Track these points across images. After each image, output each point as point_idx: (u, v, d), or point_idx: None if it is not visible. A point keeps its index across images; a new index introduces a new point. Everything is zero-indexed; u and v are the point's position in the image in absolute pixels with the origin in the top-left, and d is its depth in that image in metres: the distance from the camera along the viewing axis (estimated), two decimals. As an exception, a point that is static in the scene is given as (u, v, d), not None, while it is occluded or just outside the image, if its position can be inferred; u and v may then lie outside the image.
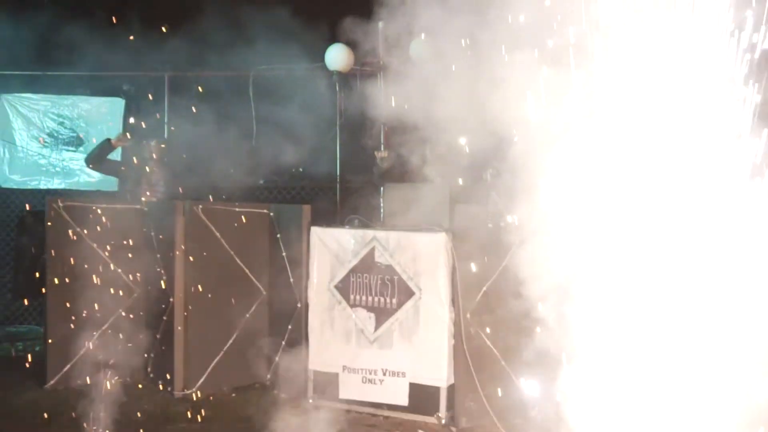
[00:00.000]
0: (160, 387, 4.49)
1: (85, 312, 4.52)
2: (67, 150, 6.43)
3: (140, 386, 4.50)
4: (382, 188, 5.63)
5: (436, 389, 3.96)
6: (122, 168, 5.43)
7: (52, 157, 6.40)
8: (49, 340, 4.54)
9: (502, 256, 3.98)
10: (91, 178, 6.40)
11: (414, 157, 5.00)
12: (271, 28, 5.68)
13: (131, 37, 5.59)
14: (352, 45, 5.66)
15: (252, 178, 6.63)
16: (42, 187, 6.44)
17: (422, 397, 3.99)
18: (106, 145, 5.44)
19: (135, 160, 5.35)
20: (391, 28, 5.28)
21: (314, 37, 5.73)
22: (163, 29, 5.53)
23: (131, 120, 6.14)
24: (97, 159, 5.47)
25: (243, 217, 4.59)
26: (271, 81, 6.23)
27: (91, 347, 4.56)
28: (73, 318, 4.52)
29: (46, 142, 6.19)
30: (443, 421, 3.94)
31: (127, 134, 5.38)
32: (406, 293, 4.01)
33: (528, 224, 3.89)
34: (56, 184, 6.43)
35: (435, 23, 4.22)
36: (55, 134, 6.42)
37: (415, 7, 4.89)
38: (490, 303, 3.97)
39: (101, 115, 6.36)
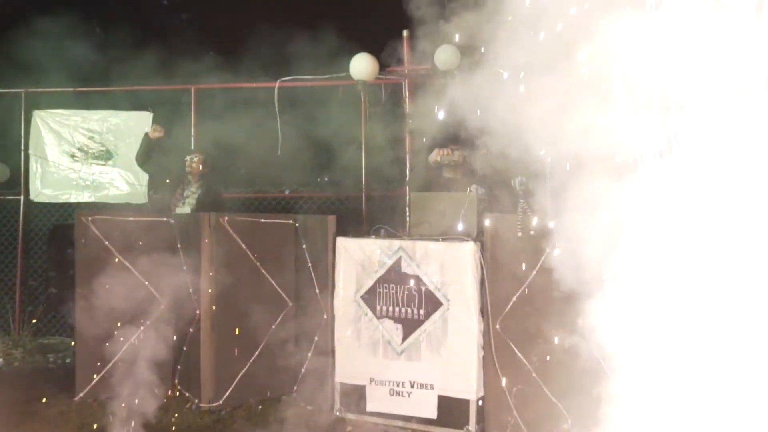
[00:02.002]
0: (188, 399, 4.48)
1: (113, 324, 4.54)
2: (97, 164, 6.50)
3: (168, 398, 4.49)
4: (408, 197, 5.59)
5: (466, 402, 3.87)
6: (162, 178, 5.53)
7: (82, 171, 6.49)
8: (79, 353, 4.56)
9: (533, 265, 3.89)
10: (120, 191, 6.47)
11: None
12: (295, 38, 5.70)
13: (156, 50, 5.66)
14: (376, 54, 5.64)
15: (277, 189, 6.65)
16: (73, 200, 6.52)
17: (451, 410, 3.91)
18: (147, 140, 5.60)
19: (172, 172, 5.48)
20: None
21: (339, 46, 5.72)
22: (190, 42, 5.58)
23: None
24: (145, 157, 5.65)
25: (268, 228, 4.57)
26: (296, 92, 6.24)
27: (119, 360, 4.58)
28: (101, 330, 4.54)
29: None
30: (473, 435, 3.85)
31: (159, 126, 5.48)
32: (434, 304, 3.94)
33: (559, 232, 3.82)
34: (86, 197, 6.50)
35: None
36: (85, 149, 6.51)
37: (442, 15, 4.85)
38: (521, 313, 3.87)
39: (129, 128, 6.40)
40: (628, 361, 3.60)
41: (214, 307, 4.39)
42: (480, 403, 3.88)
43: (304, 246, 4.52)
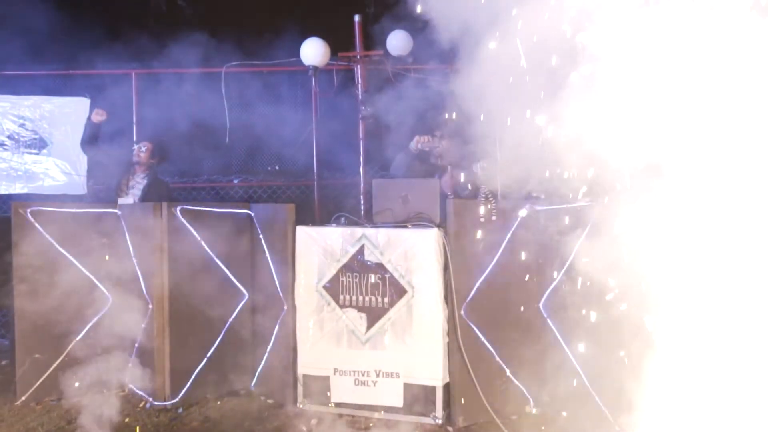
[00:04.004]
0: (141, 398, 4.28)
1: (57, 323, 4.29)
2: (30, 153, 6.10)
3: (119, 398, 4.27)
4: (361, 184, 5.52)
5: (432, 389, 3.86)
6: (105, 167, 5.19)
7: (14, 160, 6.07)
8: (19, 354, 4.28)
9: (495, 250, 3.92)
10: (56, 182, 6.10)
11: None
12: (244, 21, 5.51)
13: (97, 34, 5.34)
14: (328, 39, 5.51)
15: (225, 177, 6.45)
16: (3, 192, 6.10)
17: (417, 397, 3.89)
18: (90, 125, 5.19)
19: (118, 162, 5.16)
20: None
21: (289, 31, 5.57)
22: (131, 25, 5.28)
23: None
24: (89, 141, 5.22)
25: (223, 218, 4.40)
26: (245, 77, 6.04)
27: (64, 360, 4.33)
28: (43, 330, 4.28)
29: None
30: (439, 421, 3.84)
31: (101, 110, 5.11)
32: (399, 292, 3.90)
33: (521, 216, 3.86)
34: (19, 188, 6.10)
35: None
36: (16, 137, 6.10)
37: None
38: (484, 298, 3.90)
39: (65, 115, 6.04)
40: (588, 342, 3.70)
41: (167, 301, 4.21)
42: (446, 389, 3.88)
43: (261, 236, 4.38)
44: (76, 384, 4.29)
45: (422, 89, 4.98)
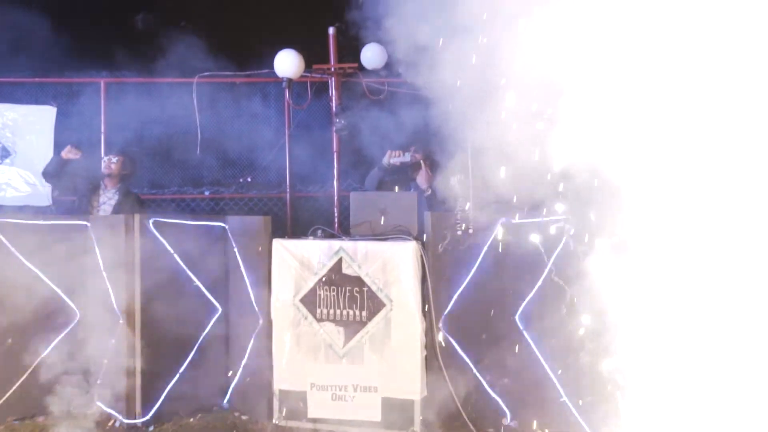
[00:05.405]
0: (110, 416, 4.15)
1: (22, 338, 4.14)
2: (-9, 163, 5.93)
3: (87, 417, 4.13)
4: (335, 197, 5.51)
5: (410, 402, 3.84)
6: (72, 182, 5.01)
7: (-26, 170, 5.89)
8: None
9: (472, 263, 3.93)
10: (19, 192, 5.92)
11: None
12: (217, 31, 5.45)
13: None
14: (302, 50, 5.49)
15: (197, 189, 6.35)
16: (-37, 203, 5.91)
17: (396, 411, 3.87)
18: (58, 160, 5.03)
19: (85, 174, 4.99)
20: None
21: (262, 42, 5.53)
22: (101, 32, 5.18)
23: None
24: (53, 174, 5.07)
25: (196, 230, 4.32)
26: (217, 88, 5.97)
27: (29, 377, 4.17)
28: (6, 346, 4.12)
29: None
30: (418, 435, 3.83)
31: (76, 148, 4.94)
32: (377, 305, 3.88)
33: (498, 229, 3.89)
34: (-21, 199, 5.92)
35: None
36: (-24, 146, 5.92)
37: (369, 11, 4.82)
38: (462, 311, 3.91)
39: (29, 124, 5.88)
40: (565, 356, 3.74)
41: (138, 315, 4.10)
42: (424, 402, 3.86)
43: (235, 248, 4.31)
44: (42, 402, 4.13)
45: (397, 103, 5.01)
